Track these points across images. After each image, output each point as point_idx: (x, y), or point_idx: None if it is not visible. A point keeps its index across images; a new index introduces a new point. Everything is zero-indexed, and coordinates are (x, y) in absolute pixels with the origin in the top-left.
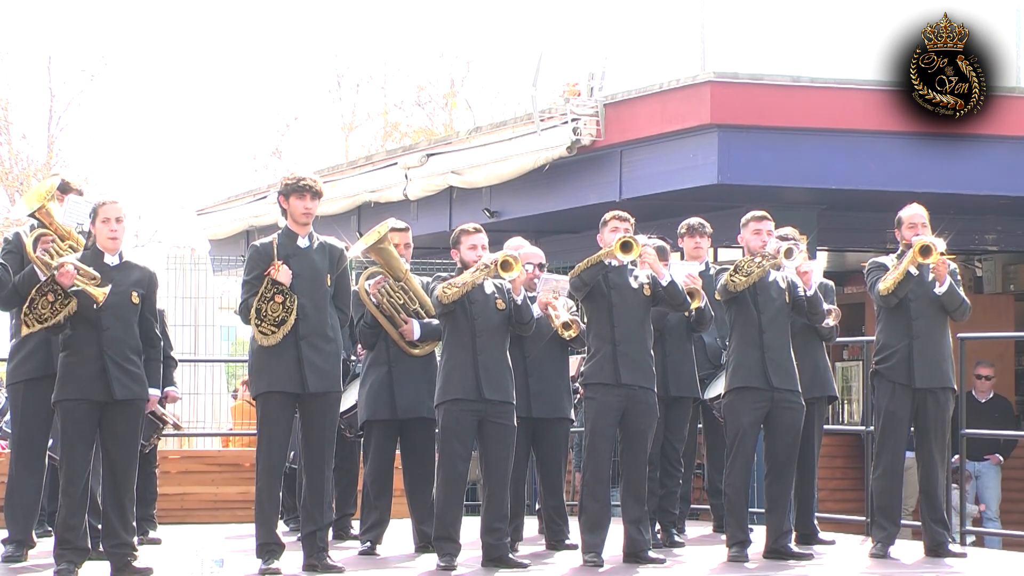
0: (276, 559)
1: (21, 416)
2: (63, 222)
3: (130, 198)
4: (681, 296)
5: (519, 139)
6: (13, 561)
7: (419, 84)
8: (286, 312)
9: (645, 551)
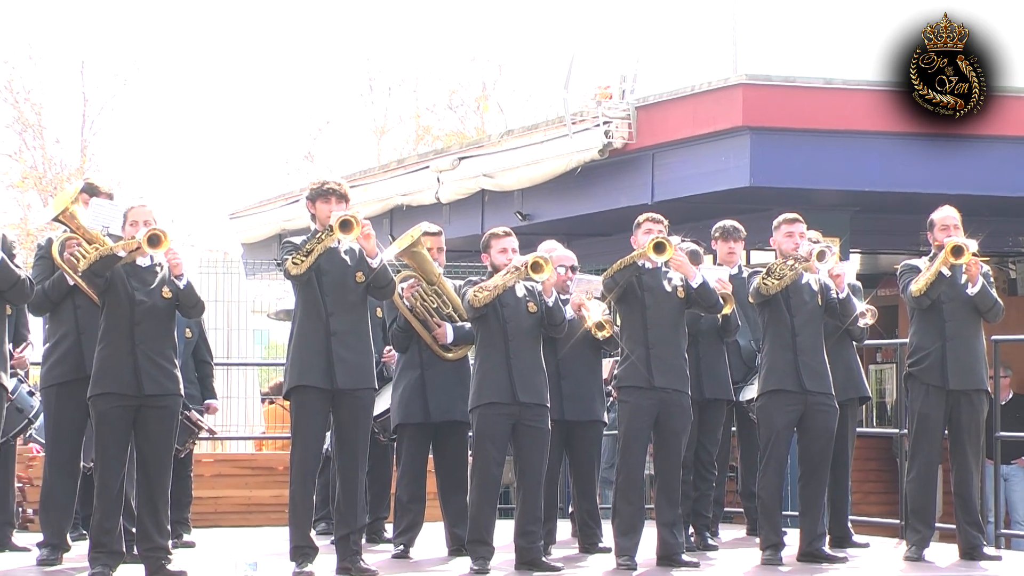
0: (310, 562)
1: (54, 420)
2: (89, 225)
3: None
4: (713, 297)
5: (551, 142)
6: (48, 564)
7: (451, 87)
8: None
9: (678, 554)
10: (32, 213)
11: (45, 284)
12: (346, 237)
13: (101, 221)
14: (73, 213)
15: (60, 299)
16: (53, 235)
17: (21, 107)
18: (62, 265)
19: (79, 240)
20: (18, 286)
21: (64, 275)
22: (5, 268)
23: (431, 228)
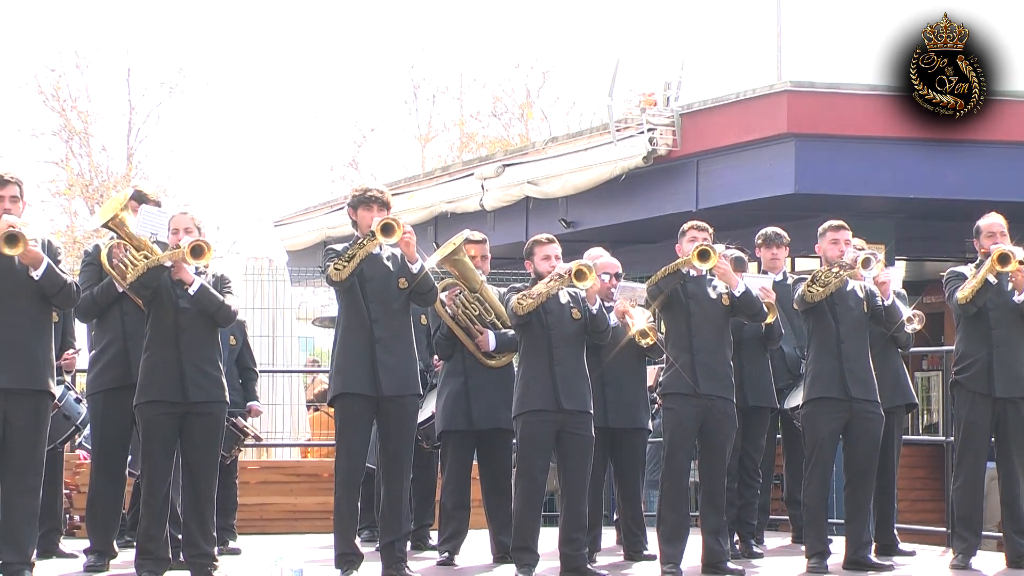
0: (355, 569)
1: (101, 426)
2: (138, 232)
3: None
4: (757, 306)
5: (595, 149)
6: (95, 571)
7: (495, 95)
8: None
9: (724, 562)
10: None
11: (93, 290)
12: (388, 240)
13: (149, 228)
14: (123, 220)
15: (108, 305)
16: (100, 242)
17: (68, 115)
18: (111, 272)
19: (127, 247)
20: (64, 291)
21: (113, 282)
22: (52, 273)
23: (475, 236)
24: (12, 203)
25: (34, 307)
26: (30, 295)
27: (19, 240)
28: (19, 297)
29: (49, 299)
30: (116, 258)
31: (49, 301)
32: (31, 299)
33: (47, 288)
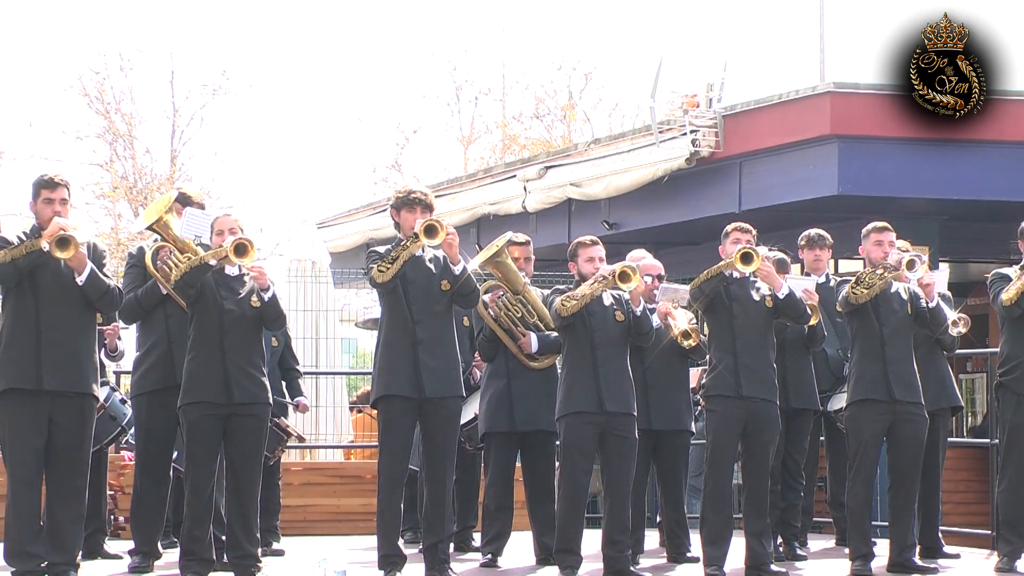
0: (398, 571)
1: (145, 428)
2: (182, 234)
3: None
4: (801, 308)
5: (638, 151)
6: (139, 572)
7: (537, 96)
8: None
9: (767, 564)
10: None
11: (138, 292)
12: (431, 242)
13: (193, 230)
14: (167, 222)
15: (152, 307)
16: (145, 244)
17: (112, 117)
18: (155, 274)
19: (172, 249)
20: (108, 295)
21: (157, 284)
22: (95, 278)
23: (518, 238)
24: (62, 205)
25: (79, 310)
26: (75, 299)
27: (71, 243)
28: (64, 301)
29: (92, 304)
30: (160, 260)
31: (92, 306)
32: (76, 303)
33: (90, 293)
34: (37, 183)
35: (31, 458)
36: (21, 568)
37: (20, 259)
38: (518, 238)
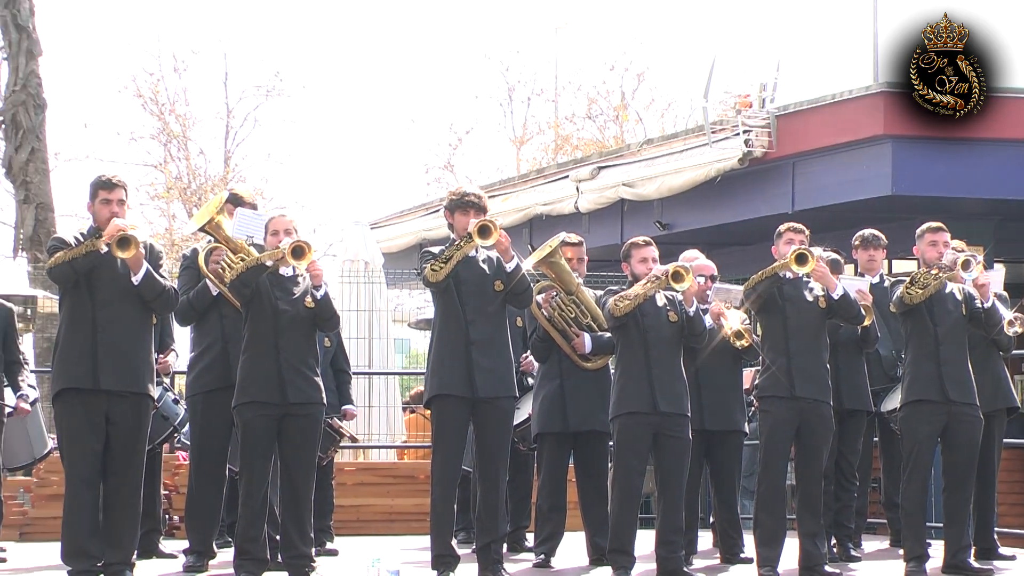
0: (451, 571)
1: (200, 428)
2: (234, 235)
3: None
4: (855, 309)
5: (690, 151)
6: (194, 571)
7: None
8: (456, 248)
9: (821, 565)
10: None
11: (190, 294)
12: (485, 242)
13: (245, 231)
14: (219, 223)
15: (205, 309)
16: (198, 245)
17: (166, 118)
18: (207, 275)
19: (225, 250)
20: (163, 296)
21: (208, 285)
22: (151, 278)
23: (571, 238)
24: (119, 206)
25: (135, 310)
26: (131, 299)
27: (131, 242)
28: (121, 301)
29: (148, 304)
30: (213, 261)
31: (148, 306)
32: (132, 303)
33: (146, 293)
34: (95, 184)
35: (89, 458)
36: (78, 567)
37: (78, 260)
38: (571, 239)
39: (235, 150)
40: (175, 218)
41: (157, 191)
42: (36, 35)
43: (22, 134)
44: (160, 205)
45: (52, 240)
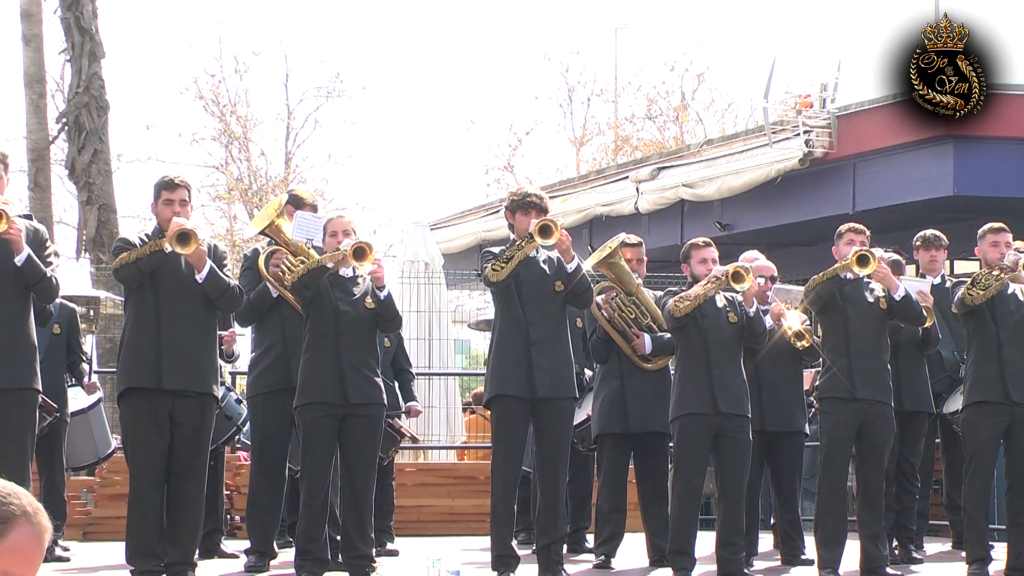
0: (511, 572)
1: (261, 428)
2: (294, 238)
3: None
4: (916, 310)
5: (751, 151)
6: (255, 571)
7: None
8: (517, 248)
9: (882, 567)
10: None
11: (250, 295)
12: (546, 242)
13: (305, 233)
14: (279, 226)
15: (264, 310)
16: (259, 246)
17: (227, 120)
18: (267, 277)
19: (285, 253)
20: (228, 293)
21: (268, 287)
22: (215, 276)
23: (630, 239)
24: (182, 206)
25: (200, 310)
26: (196, 298)
27: (191, 238)
28: (185, 301)
29: (213, 302)
30: (273, 264)
31: (213, 304)
32: (197, 302)
33: (211, 291)
34: (158, 185)
35: (154, 459)
36: (142, 568)
37: (143, 260)
38: (631, 239)
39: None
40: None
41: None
42: (99, 37)
43: (85, 136)
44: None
45: (117, 241)
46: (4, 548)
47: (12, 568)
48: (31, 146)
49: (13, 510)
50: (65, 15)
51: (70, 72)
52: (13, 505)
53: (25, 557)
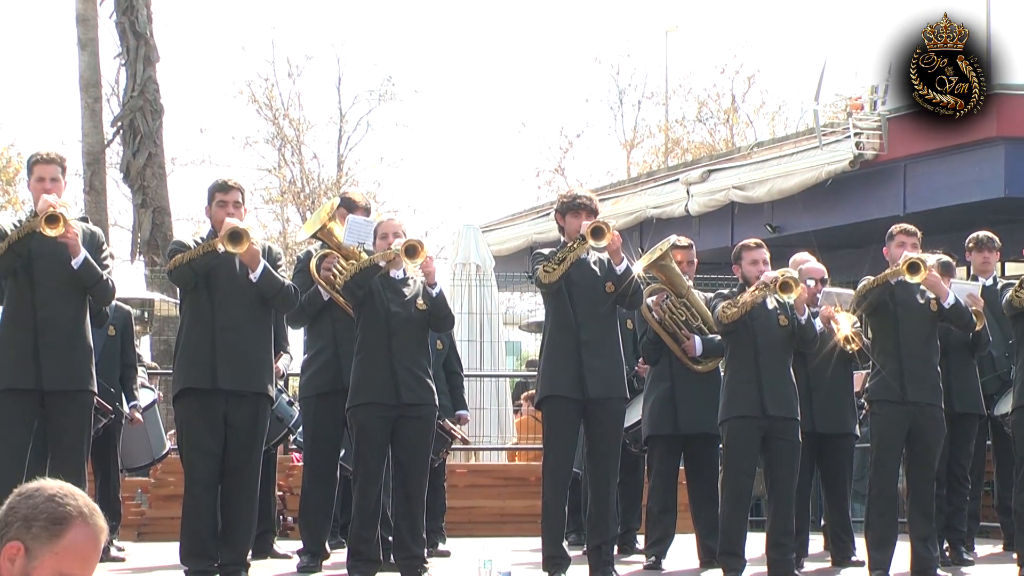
0: (562, 572)
1: (312, 430)
2: (346, 242)
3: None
4: (966, 317)
5: (801, 154)
6: (308, 572)
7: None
8: (569, 250)
9: (933, 568)
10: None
11: (302, 297)
12: (598, 244)
13: (357, 237)
14: (330, 230)
15: (316, 313)
16: (312, 248)
17: (280, 123)
18: (318, 280)
19: (336, 256)
20: (283, 292)
21: (319, 290)
22: (269, 275)
23: (681, 241)
24: (235, 208)
25: (254, 311)
26: (250, 299)
27: (243, 238)
28: (240, 302)
29: (268, 302)
30: (325, 268)
31: (268, 304)
32: (251, 303)
33: (266, 290)
34: (211, 188)
35: (208, 461)
36: (196, 567)
37: (196, 260)
38: (681, 242)
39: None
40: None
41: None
42: (154, 41)
43: (140, 139)
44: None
45: (172, 244)
46: (60, 548)
47: (69, 568)
48: (87, 150)
49: (70, 511)
50: (120, 20)
51: (125, 76)
52: (70, 506)
53: (81, 557)
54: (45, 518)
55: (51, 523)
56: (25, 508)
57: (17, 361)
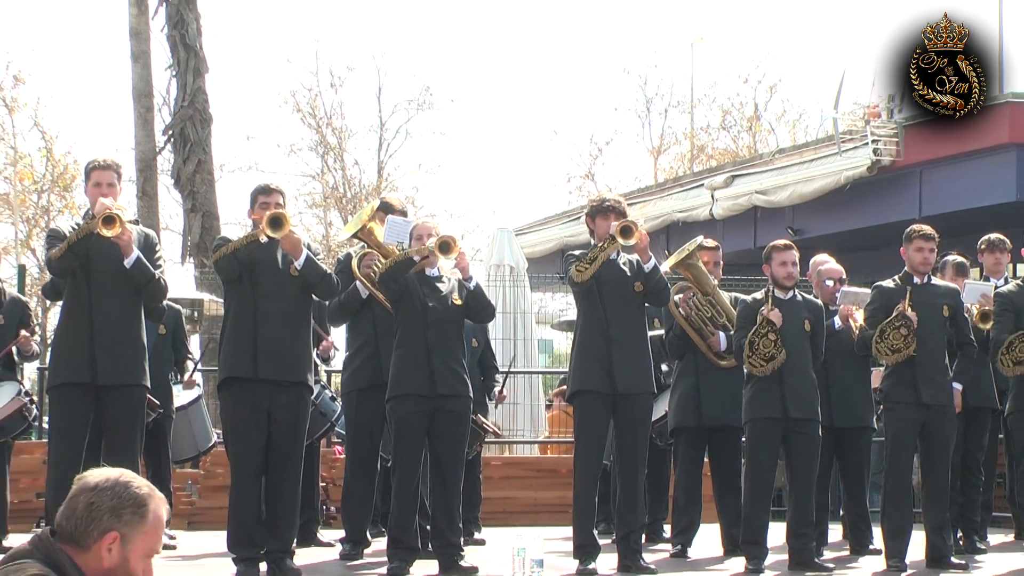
0: (592, 560)
1: (354, 423)
2: (385, 241)
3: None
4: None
5: (821, 160)
6: (350, 559)
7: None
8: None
9: (947, 557)
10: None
11: (341, 296)
12: (627, 242)
13: (396, 236)
14: (371, 230)
15: (355, 310)
16: (353, 250)
17: (323, 131)
18: (359, 276)
19: (376, 255)
20: (326, 280)
21: (358, 288)
22: (312, 263)
23: (708, 243)
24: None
25: (296, 304)
26: (292, 292)
27: (283, 222)
28: (282, 294)
29: (312, 289)
30: (365, 265)
31: (309, 295)
32: (293, 296)
33: (310, 277)
34: (254, 192)
35: (252, 452)
36: (243, 555)
37: (240, 250)
38: (708, 243)
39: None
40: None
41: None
42: (203, 54)
43: (190, 147)
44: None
45: (217, 239)
46: (148, 527)
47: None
48: (139, 157)
49: (145, 492)
50: (171, 33)
51: (176, 87)
52: (143, 487)
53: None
54: (131, 504)
55: (137, 507)
56: (108, 500)
57: (74, 357)
